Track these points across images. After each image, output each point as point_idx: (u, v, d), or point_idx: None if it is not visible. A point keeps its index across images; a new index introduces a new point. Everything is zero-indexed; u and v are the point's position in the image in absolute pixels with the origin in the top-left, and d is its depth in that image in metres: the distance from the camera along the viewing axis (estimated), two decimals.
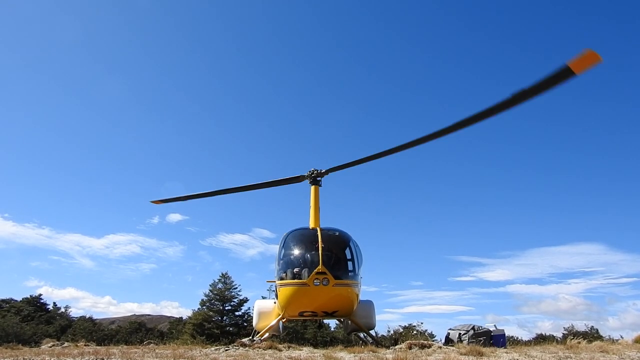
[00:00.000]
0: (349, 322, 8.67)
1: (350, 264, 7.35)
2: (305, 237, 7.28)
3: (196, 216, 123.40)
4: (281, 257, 7.33)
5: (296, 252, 7.09)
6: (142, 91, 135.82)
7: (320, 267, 6.44)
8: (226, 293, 36.00)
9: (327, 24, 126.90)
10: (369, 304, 8.66)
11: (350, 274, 7.13)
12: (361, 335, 9.12)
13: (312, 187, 8.87)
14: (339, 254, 7.21)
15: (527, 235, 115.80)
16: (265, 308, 8.72)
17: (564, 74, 5.55)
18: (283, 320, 8.93)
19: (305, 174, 9.09)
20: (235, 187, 9.65)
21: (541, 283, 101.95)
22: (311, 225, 8.52)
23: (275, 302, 7.77)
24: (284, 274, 7.01)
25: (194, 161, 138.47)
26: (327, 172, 9.11)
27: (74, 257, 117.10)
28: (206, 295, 36.27)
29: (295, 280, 6.67)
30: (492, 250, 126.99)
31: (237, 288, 36.70)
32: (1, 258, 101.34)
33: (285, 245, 7.45)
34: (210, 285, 37.06)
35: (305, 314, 6.97)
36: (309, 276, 6.45)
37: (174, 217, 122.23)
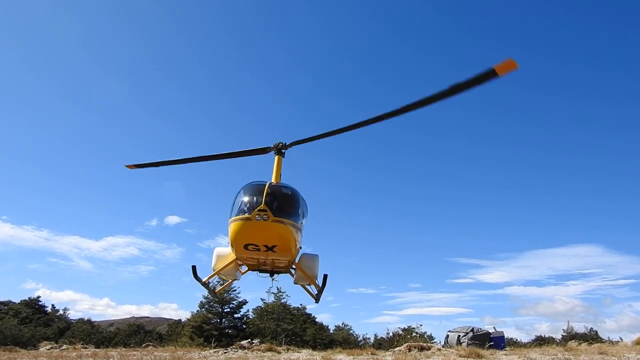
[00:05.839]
0: (296, 272, 9.79)
1: (291, 209, 8.39)
2: (256, 186, 8.45)
3: (194, 218, 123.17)
4: (233, 202, 8.45)
5: (246, 197, 8.22)
6: (141, 92, 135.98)
7: (262, 205, 7.58)
8: (225, 295, 35.89)
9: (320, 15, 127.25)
10: (313, 256, 9.76)
11: (288, 216, 8.13)
12: (308, 288, 10.05)
13: (276, 157, 9.69)
14: (282, 199, 8.27)
15: (525, 237, 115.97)
16: (223, 252, 9.76)
17: (489, 75, 6.77)
18: (241, 272, 10.12)
19: (271, 146, 9.78)
20: (204, 156, 10.18)
21: (539, 285, 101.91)
22: None
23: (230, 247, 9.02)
24: (234, 214, 8.12)
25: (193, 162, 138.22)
26: (291, 144, 9.84)
27: (72, 259, 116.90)
28: (205, 297, 36.18)
29: (241, 216, 7.80)
30: (491, 252, 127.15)
31: (236, 290, 36.65)
32: None
33: (238, 194, 8.57)
34: None
35: (249, 247, 7.97)
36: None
37: (173, 220, 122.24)
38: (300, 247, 9.26)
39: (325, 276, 9.25)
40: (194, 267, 9.76)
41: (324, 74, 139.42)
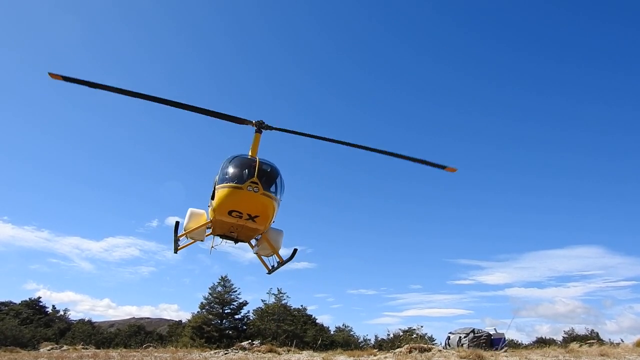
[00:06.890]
0: (261, 243, 10.47)
1: (276, 185, 9.30)
2: (247, 159, 9.26)
3: None
4: (224, 169, 9.11)
5: (238, 168, 8.96)
6: (141, 92, 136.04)
7: (254, 178, 8.42)
8: (226, 296, 35.87)
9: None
10: (279, 231, 10.61)
11: (273, 192, 9.07)
12: (265, 259, 10.94)
13: (256, 135, 10.15)
14: (269, 175, 9.16)
15: (525, 238, 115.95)
16: (196, 213, 10.43)
17: (440, 166, 9.91)
18: (208, 234, 10.70)
19: (253, 121, 10.09)
20: (174, 102, 9.69)
21: (540, 286, 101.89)
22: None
23: (208, 207, 9.68)
24: (225, 182, 8.78)
25: (194, 163, 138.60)
26: (273, 128, 10.32)
27: (73, 260, 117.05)
28: (206, 299, 36.13)
29: (233, 184, 8.54)
30: (491, 253, 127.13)
31: (236, 291, 36.60)
32: (0, 261, 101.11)
33: (228, 164, 9.23)
34: (209, 289, 36.94)
35: (233, 213, 8.64)
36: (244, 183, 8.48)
37: (173, 221, 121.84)
38: (274, 221, 9.91)
39: (295, 250, 10.21)
40: (177, 223, 10.25)
41: (323, 74, 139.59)
